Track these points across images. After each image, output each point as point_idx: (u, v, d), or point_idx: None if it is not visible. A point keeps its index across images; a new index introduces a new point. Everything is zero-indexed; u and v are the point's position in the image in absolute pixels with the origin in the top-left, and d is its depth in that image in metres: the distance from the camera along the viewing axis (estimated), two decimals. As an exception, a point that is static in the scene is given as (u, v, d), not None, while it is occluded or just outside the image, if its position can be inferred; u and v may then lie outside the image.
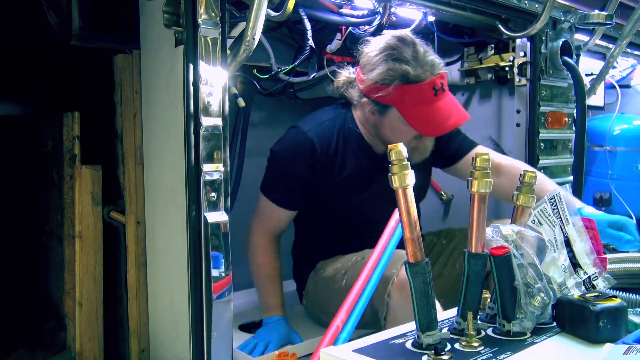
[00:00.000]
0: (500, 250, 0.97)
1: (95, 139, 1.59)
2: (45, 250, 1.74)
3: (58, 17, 1.59)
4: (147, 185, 1.52)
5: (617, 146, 2.70)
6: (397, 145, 0.94)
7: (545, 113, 2.08)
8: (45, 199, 1.72)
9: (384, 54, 1.61)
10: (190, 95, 1.20)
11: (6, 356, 1.65)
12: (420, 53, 1.60)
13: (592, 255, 1.09)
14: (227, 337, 1.23)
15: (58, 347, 1.61)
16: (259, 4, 1.19)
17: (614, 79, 2.80)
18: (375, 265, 1.54)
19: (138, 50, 1.51)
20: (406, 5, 1.75)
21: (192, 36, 1.20)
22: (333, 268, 1.73)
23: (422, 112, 1.61)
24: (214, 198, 1.22)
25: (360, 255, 1.66)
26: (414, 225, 0.94)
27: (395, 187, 0.93)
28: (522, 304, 0.97)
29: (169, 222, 1.41)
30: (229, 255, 1.22)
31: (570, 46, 2.10)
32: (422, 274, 0.93)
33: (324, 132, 1.72)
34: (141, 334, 1.54)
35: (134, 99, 1.53)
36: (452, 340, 0.96)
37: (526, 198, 1.09)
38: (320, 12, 1.71)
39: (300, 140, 1.70)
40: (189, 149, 1.21)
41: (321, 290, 1.75)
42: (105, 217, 1.56)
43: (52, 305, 1.70)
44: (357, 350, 0.94)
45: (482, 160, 0.98)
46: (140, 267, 1.54)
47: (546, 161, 2.09)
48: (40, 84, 1.93)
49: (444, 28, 2.08)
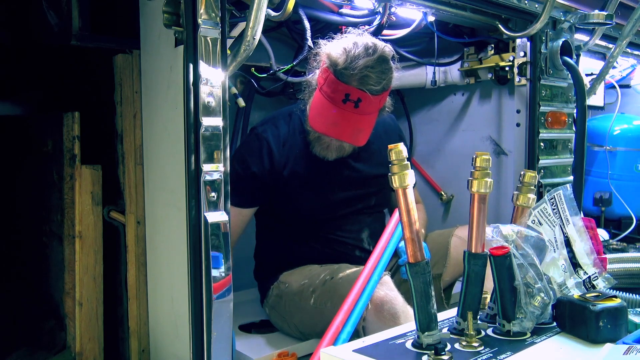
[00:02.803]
0: (500, 250, 0.97)
1: (95, 139, 1.59)
2: (45, 250, 1.74)
3: (58, 17, 1.59)
4: (147, 185, 1.52)
5: (617, 146, 2.70)
6: (397, 145, 0.94)
7: (545, 113, 2.08)
8: (45, 199, 1.72)
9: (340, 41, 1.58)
10: (190, 95, 1.20)
11: (6, 356, 1.65)
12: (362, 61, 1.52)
13: (592, 255, 1.09)
14: (227, 337, 1.23)
15: (58, 347, 1.61)
16: (259, 4, 1.19)
17: (614, 79, 2.80)
18: (376, 265, 1.54)
19: (138, 50, 1.51)
20: (406, 5, 1.74)
21: (192, 36, 1.20)
22: (298, 283, 1.70)
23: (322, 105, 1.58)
24: (214, 198, 1.22)
25: (329, 274, 1.64)
26: (414, 225, 0.94)
27: (395, 187, 0.93)
28: (522, 304, 0.98)
29: (169, 222, 1.41)
30: (229, 255, 1.22)
31: (570, 46, 2.10)
32: (422, 274, 0.93)
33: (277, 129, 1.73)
34: (141, 334, 1.54)
35: (134, 99, 1.53)
36: (452, 340, 0.96)
37: (526, 198, 1.09)
38: (320, 12, 1.71)
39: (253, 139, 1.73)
40: (189, 148, 1.21)
41: (286, 304, 1.72)
42: (105, 217, 1.56)
43: (52, 305, 1.70)
44: (357, 350, 0.94)
45: (482, 160, 0.98)
46: (140, 267, 1.54)
47: (546, 161, 2.08)
48: (40, 84, 1.93)
49: (444, 28, 2.08)
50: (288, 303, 1.71)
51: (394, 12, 1.80)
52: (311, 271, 1.72)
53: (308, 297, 1.64)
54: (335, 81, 1.54)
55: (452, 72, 2.24)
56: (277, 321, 1.79)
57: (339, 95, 1.53)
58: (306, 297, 1.64)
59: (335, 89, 1.54)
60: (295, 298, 1.68)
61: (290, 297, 1.70)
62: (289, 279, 1.74)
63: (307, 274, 1.71)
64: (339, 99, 1.54)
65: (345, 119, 1.56)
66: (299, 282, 1.70)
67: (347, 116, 1.56)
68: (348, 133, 1.60)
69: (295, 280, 1.72)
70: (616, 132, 2.72)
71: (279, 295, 1.75)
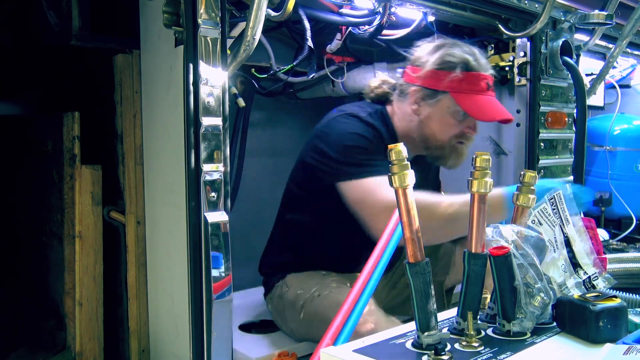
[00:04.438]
0: (500, 250, 0.97)
1: (95, 139, 1.59)
2: (45, 250, 1.74)
3: (58, 17, 1.59)
4: (147, 185, 1.52)
5: (617, 146, 2.70)
6: (397, 145, 0.93)
7: (545, 113, 2.08)
8: (45, 199, 1.72)
9: (443, 46, 1.67)
10: (190, 95, 1.20)
11: (6, 356, 1.65)
12: (476, 51, 1.68)
13: (592, 255, 1.09)
14: (227, 337, 1.23)
15: (58, 347, 1.61)
16: (259, 4, 1.19)
17: (614, 79, 2.79)
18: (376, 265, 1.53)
19: (138, 50, 1.51)
20: (406, 5, 1.74)
21: (192, 36, 1.20)
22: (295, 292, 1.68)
23: (476, 100, 1.66)
24: (214, 198, 1.22)
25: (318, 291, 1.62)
26: (414, 225, 0.94)
27: (395, 187, 0.93)
28: (522, 304, 0.97)
29: (169, 222, 1.41)
30: (229, 255, 1.22)
31: (570, 46, 2.10)
32: (422, 274, 0.93)
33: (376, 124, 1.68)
34: (141, 334, 1.54)
35: (134, 99, 1.53)
36: (452, 340, 0.96)
37: (526, 198, 1.09)
38: (320, 12, 1.71)
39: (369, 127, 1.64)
40: (189, 149, 1.21)
41: (285, 307, 1.72)
42: (105, 217, 1.56)
43: (52, 305, 1.70)
44: (357, 350, 0.94)
45: (482, 160, 0.98)
46: (140, 267, 1.54)
47: (546, 161, 2.08)
48: (40, 84, 1.93)
49: (444, 28, 2.08)
50: (285, 307, 1.71)
51: (394, 12, 1.80)
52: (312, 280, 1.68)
53: (299, 310, 1.64)
54: (476, 74, 1.66)
55: (452, 72, 2.24)
56: (277, 319, 1.79)
57: (483, 84, 1.67)
58: (298, 309, 1.65)
59: (478, 81, 1.66)
60: (289, 305, 1.68)
61: (285, 302, 1.71)
62: (292, 282, 1.72)
63: (306, 283, 1.69)
64: (484, 86, 1.67)
65: (493, 101, 1.70)
66: (296, 291, 1.69)
67: (492, 99, 1.70)
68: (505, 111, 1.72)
69: (295, 286, 1.70)
70: (616, 132, 2.72)
71: (280, 296, 1.75)
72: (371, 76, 2.29)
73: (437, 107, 1.67)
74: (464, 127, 1.70)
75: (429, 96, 1.67)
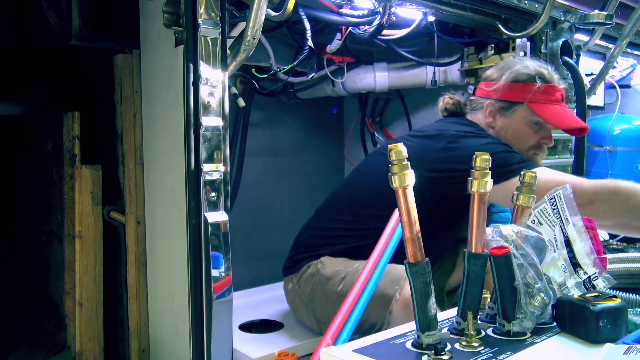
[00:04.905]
0: (500, 250, 0.97)
1: (95, 139, 1.59)
2: (46, 250, 1.74)
3: (58, 17, 1.59)
4: (147, 185, 1.52)
5: (617, 146, 2.70)
6: (397, 145, 0.93)
7: (545, 113, 2.07)
8: (45, 199, 1.72)
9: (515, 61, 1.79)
10: (190, 95, 1.20)
11: (6, 356, 1.65)
12: (549, 66, 1.78)
13: (592, 255, 1.08)
14: (227, 337, 1.23)
15: (58, 347, 1.61)
16: (259, 4, 1.19)
17: (614, 79, 2.79)
18: (376, 265, 1.54)
19: (138, 50, 1.51)
20: (406, 5, 1.74)
21: (192, 36, 1.20)
22: (334, 268, 1.70)
23: (553, 109, 1.74)
24: (214, 198, 1.22)
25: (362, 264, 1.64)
26: (414, 225, 0.94)
27: (395, 187, 0.93)
28: (522, 304, 0.97)
29: (169, 222, 1.41)
30: (229, 255, 1.22)
31: (570, 46, 2.10)
32: (422, 274, 0.93)
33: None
34: (141, 334, 1.54)
35: (134, 99, 1.53)
36: (452, 340, 0.96)
37: (526, 198, 1.09)
38: (320, 12, 1.71)
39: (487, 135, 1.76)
40: (189, 148, 1.21)
41: (315, 285, 1.71)
42: (105, 217, 1.56)
43: (52, 305, 1.70)
44: (357, 350, 0.94)
45: (482, 160, 0.98)
46: (140, 267, 1.54)
47: (546, 161, 2.08)
48: (40, 84, 1.93)
49: (444, 28, 2.08)
50: (317, 284, 1.71)
51: (394, 12, 1.80)
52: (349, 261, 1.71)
53: (337, 283, 1.64)
54: (552, 86, 1.76)
55: (452, 72, 2.23)
56: (296, 301, 1.78)
57: (559, 95, 1.77)
58: (335, 283, 1.65)
59: (554, 92, 1.76)
60: (325, 281, 1.68)
61: (321, 278, 1.71)
62: (329, 262, 1.73)
63: (346, 262, 1.71)
64: (560, 97, 1.77)
65: (568, 111, 1.81)
66: (334, 268, 1.70)
67: (567, 109, 1.80)
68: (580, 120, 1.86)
69: (333, 264, 1.72)
70: (616, 132, 2.72)
71: (311, 274, 1.74)
72: (371, 76, 2.29)
73: (512, 118, 1.75)
74: (540, 137, 1.77)
75: (504, 108, 1.76)
